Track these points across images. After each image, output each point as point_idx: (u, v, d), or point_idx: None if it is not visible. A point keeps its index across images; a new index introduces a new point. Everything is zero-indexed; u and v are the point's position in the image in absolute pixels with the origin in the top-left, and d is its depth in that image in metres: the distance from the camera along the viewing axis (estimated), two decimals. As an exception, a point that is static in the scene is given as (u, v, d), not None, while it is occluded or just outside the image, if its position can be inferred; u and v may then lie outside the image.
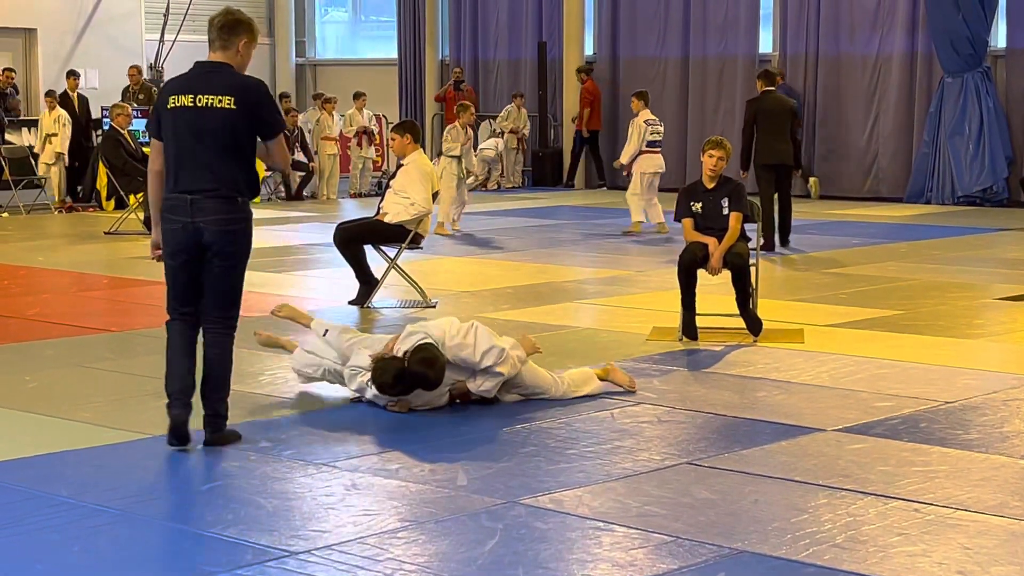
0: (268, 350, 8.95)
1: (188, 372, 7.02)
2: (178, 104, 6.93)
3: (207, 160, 6.87)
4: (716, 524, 5.82)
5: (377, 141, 23.87)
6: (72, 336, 10.20)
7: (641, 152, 17.25)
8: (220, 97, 6.84)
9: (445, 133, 18.08)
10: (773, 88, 16.36)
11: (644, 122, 17.39)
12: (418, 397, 7.73)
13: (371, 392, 7.79)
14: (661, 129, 17.67)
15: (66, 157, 20.52)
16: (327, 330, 8.26)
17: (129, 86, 22.58)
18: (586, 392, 8.18)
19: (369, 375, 7.72)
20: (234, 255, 6.96)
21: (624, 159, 17.57)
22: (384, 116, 24.90)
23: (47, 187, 20.44)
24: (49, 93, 21.39)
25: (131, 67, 22.95)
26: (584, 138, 23.94)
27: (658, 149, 17.45)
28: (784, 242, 15.75)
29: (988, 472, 6.62)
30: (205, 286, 6.99)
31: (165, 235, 6.98)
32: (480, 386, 7.84)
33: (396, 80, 27.07)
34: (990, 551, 5.48)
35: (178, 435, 6.88)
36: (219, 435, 7.01)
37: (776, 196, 15.75)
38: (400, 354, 7.67)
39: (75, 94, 21.40)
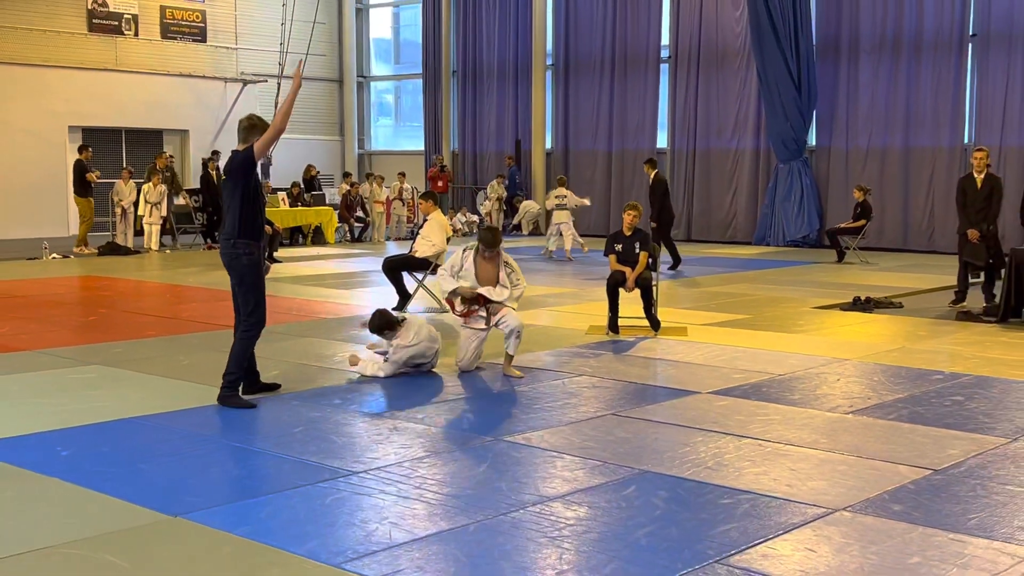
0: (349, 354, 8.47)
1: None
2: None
3: (223, 215, 7.33)
4: (630, 454, 5.84)
5: (410, 204, 23.90)
6: (210, 331, 10.20)
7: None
8: (223, 174, 7.23)
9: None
10: (657, 170, 16.54)
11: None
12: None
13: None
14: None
15: (163, 217, 19.57)
16: (385, 354, 8.06)
17: (156, 166, 19.91)
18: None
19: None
20: (235, 276, 7.04)
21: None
22: (415, 188, 24.91)
23: (146, 237, 19.25)
24: (154, 171, 19.78)
25: (159, 154, 20.90)
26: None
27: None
28: (676, 267, 16.17)
29: (806, 420, 6.65)
30: None
31: None
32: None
33: (423, 164, 27.10)
34: (807, 471, 5.51)
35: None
36: (220, 395, 7.04)
37: (669, 239, 16.28)
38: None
39: (213, 171, 21.28)
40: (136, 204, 19.47)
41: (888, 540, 4.48)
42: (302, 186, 23.05)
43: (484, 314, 8.15)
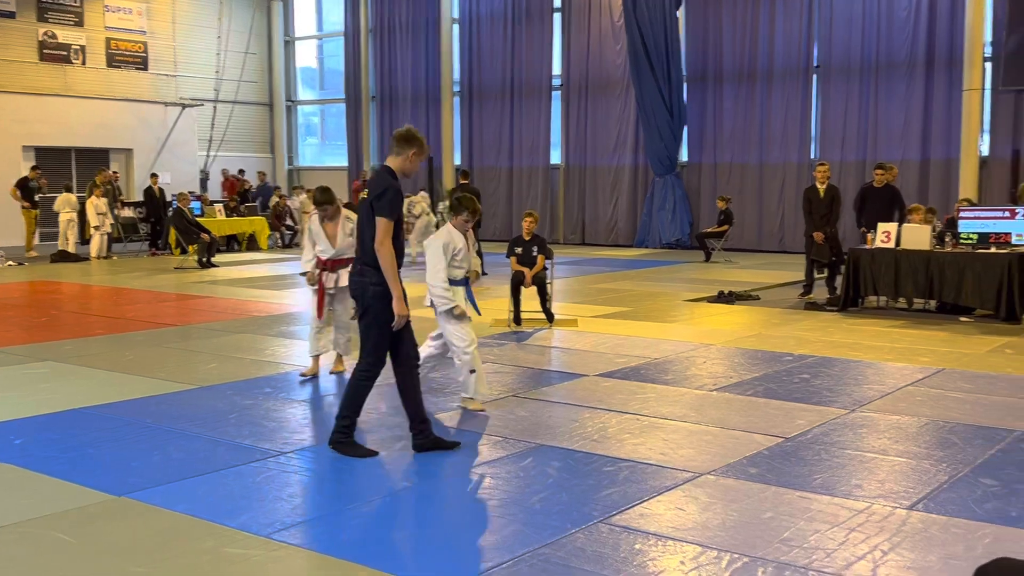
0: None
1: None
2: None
3: (361, 238, 5.32)
4: (527, 430, 5.85)
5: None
6: (153, 328, 9.94)
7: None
8: (367, 192, 5.32)
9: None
10: (468, 181, 15.39)
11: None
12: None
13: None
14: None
15: (108, 226, 18.68)
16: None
17: (97, 181, 19.16)
18: None
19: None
20: (360, 307, 5.28)
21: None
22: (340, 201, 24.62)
23: (92, 245, 18.34)
24: (95, 185, 18.84)
25: (100, 170, 20.15)
26: None
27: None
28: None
29: (677, 397, 6.73)
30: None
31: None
32: None
33: (346, 178, 26.75)
34: (678, 441, 5.59)
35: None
36: (331, 438, 5.37)
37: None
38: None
39: (157, 187, 20.70)
40: (82, 215, 18.88)
41: (746, 499, 4.57)
42: (238, 198, 22.61)
43: (332, 279, 7.45)
